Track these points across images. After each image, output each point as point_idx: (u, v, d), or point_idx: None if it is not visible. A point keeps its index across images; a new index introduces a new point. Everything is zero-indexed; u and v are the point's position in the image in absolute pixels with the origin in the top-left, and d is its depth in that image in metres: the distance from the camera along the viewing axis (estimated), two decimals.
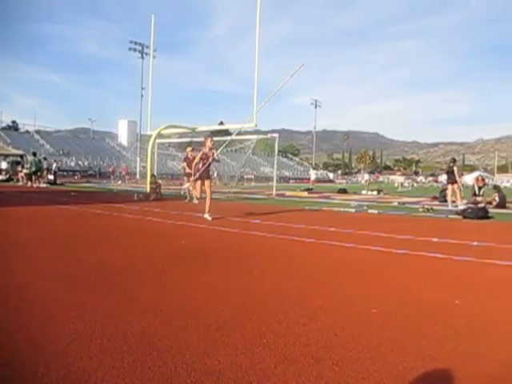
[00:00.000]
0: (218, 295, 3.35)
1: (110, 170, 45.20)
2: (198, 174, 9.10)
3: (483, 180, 15.55)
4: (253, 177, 45.32)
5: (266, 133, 32.26)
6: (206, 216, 8.62)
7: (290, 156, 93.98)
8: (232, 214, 9.68)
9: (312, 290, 3.59)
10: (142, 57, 54.04)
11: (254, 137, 20.57)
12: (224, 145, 11.92)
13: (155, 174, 18.45)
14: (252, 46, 15.85)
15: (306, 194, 21.65)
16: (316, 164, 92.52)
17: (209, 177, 9.19)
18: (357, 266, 4.64)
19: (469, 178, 54.36)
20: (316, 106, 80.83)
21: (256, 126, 16.65)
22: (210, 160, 9.07)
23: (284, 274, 4.20)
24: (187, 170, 14.48)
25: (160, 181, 18.19)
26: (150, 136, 21.15)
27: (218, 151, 10.00)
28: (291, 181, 59.24)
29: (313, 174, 52.02)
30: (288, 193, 21.58)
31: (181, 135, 26.10)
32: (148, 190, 16.02)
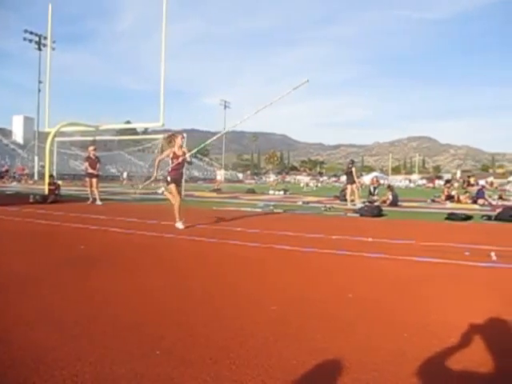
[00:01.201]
0: (116, 300, 3.23)
1: (3, 169, 41.57)
2: (168, 175, 7.97)
3: (377, 181, 16.79)
4: (161, 177, 44.36)
5: (175, 132, 31.75)
6: (179, 225, 7.60)
7: (200, 156, 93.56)
8: (135, 216, 9.41)
9: (214, 291, 3.61)
10: (40, 48, 50.28)
11: (161, 136, 20.13)
12: (196, 149, 10.83)
13: (54, 174, 17.34)
14: (160, 44, 15.53)
15: (214, 194, 21.72)
16: (225, 164, 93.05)
17: (181, 181, 8.37)
18: (260, 265, 4.75)
19: (367, 179, 58.11)
20: (225, 107, 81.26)
21: (163, 125, 16.33)
22: (180, 160, 7.97)
23: (186, 275, 4.17)
24: (89, 170, 13.80)
25: (60, 182, 17.13)
26: (49, 133, 19.79)
27: (190, 153, 8.75)
28: (199, 181, 58.89)
29: (219, 175, 52.05)
30: (197, 193, 21.47)
31: (84, 133, 24.78)
32: (46, 191, 14.98)
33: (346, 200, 15.62)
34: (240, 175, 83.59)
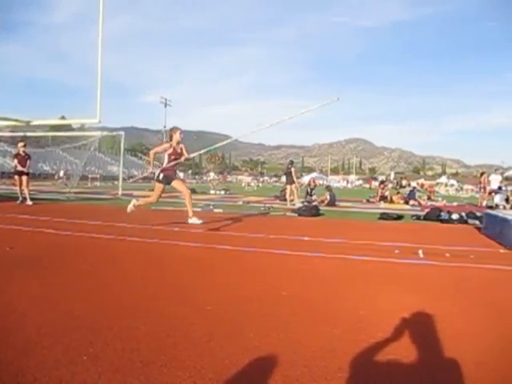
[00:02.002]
0: (41, 305, 3.07)
1: None
2: (161, 173, 7.38)
3: (314, 182, 17.24)
4: (98, 176, 42.86)
5: (113, 130, 30.75)
6: (194, 220, 7.24)
7: (140, 155, 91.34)
8: (71, 216, 9.02)
9: (150, 292, 3.53)
10: None
11: (98, 133, 19.44)
12: (204, 150, 9.91)
13: None
14: (97, 37, 14.92)
15: None
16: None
17: (177, 176, 7.92)
18: (199, 265, 4.71)
19: (307, 179, 59.37)
20: (166, 105, 79.80)
21: (100, 122, 15.73)
22: (182, 159, 7.57)
23: (119, 276, 4.05)
24: (18, 168, 13.06)
25: None
26: None
27: (195, 154, 8.42)
28: (139, 180, 57.28)
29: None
30: (136, 193, 20.91)
31: (14, 129, 23.33)
32: None
33: (285, 200, 15.87)
34: (181, 174, 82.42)
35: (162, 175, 7.38)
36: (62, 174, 43.83)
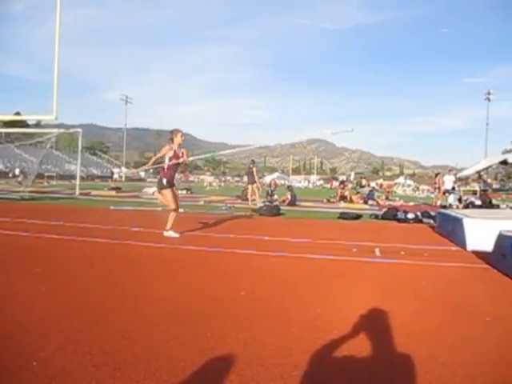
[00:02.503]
0: None
1: None
2: (164, 178, 6.85)
3: (275, 183, 17.41)
4: (55, 174, 41.54)
5: (71, 127, 29.83)
6: (171, 233, 6.77)
7: (99, 153, 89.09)
8: (26, 216, 8.69)
9: (104, 294, 3.45)
10: None
11: (55, 130, 18.82)
12: (208, 155, 8.85)
13: None
14: (54, 30, 14.42)
15: (113, 193, 20.81)
16: (127, 162, 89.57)
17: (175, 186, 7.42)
18: (160, 266, 4.64)
19: (269, 179, 59.54)
20: (127, 103, 78.24)
21: (56, 119, 15.24)
22: (180, 161, 7.05)
23: (73, 278, 3.94)
24: None
25: None
26: None
27: (199, 157, 7.97)
28: (96, 179, 55.89)
29: (116, 173, 49.47)
30: (94, 192, 20.40)
31: None
32: None
33: (247, 200, 15.90)
34: (142, 174, 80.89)
35: (164, 180, 6.88)
36: (17, 172, 42.09)
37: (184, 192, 24.18)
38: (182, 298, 3.41)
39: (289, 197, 15.82)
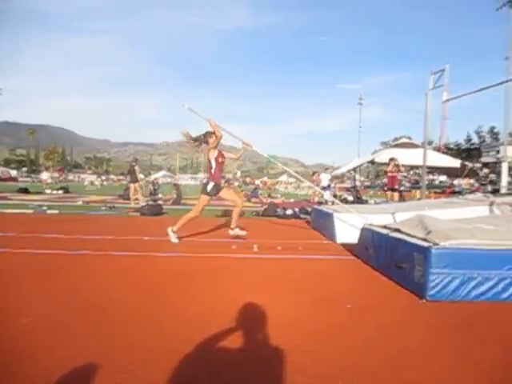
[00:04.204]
0: None
1: None
2: (212, 182, 6.36)
3: (158, 182, 17.15)
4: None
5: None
6: (237, 231, 6.56)
7: None
8: None
9: None
10: None
11: None
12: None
13: None
14: None
15: None
16: None
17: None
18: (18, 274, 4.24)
19: (159, 175, 58.31)
20: None
21: None
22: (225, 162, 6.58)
23: None
24: None
25: None
26: None
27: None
28: None
29: None
30: None
31: None
32: None
33: (129, 199, 15.34)
34: (14, 172, 73.46)
35: (211, 185, 6.34)
36: None
37: (60, 192, 22.59)
38: (45, 307, 3.14)
39: (174, 195, 15.63)
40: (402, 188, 19.93)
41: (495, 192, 16.28)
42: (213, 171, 6.38)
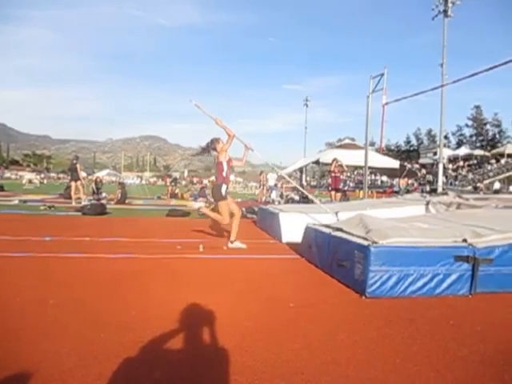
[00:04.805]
0: None
1: None
2: (224, 185, 6.33)
3: (101, 180, 16.71)
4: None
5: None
6: (236, 244, 6.31)
7: None
8: None
9: None
10: None
11: None
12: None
13: None
14: None
15: None
16: None
17: None
18: None
19: (101, 175, 56.35)
20: None
21: None
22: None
23: None
24: None
25: None
26: None
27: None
28: None
29: None
30: None
31: None
32: None
33: (70, 198, 14.75)
34: None
35: (225, 188, 6.33)
36: None
37: None
38: None
39: (119, 194, 15.23)
40: (346, 188, 20.56)
41: (433, 192, 17.12)
42: (224, 174, 6.39)
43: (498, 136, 63.44)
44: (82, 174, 15.70)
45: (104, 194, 17.63)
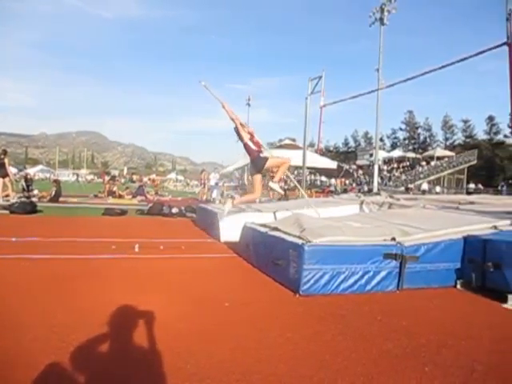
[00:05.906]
0: None
1: None
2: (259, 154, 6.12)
3: (31, 177, 15.88)
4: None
5: None
6: (228, 205, 6.16)
7: None
8: None
9: None
10: None
11: None
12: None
13: None
14: None
15: None
16: None
17: None
18: None
19: (32, 171, 53.63)
20: None
21: None
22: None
23: None
24: None
25: None
26: None
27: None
28: None
29: None
30: None
31: None
32: None
33: None
34: None
35: (261, 157, 6.10)
36: None
37: None
38: None
39: (53, 192, 14.52)
40: (286, 187, 20.89)
41: (370, 192, 17.80)
42: (255, 148, 6.23)
43: (428, 139, 67.17)
44: (12, 170, 14.85)
45: (35, 192, 16.74)
